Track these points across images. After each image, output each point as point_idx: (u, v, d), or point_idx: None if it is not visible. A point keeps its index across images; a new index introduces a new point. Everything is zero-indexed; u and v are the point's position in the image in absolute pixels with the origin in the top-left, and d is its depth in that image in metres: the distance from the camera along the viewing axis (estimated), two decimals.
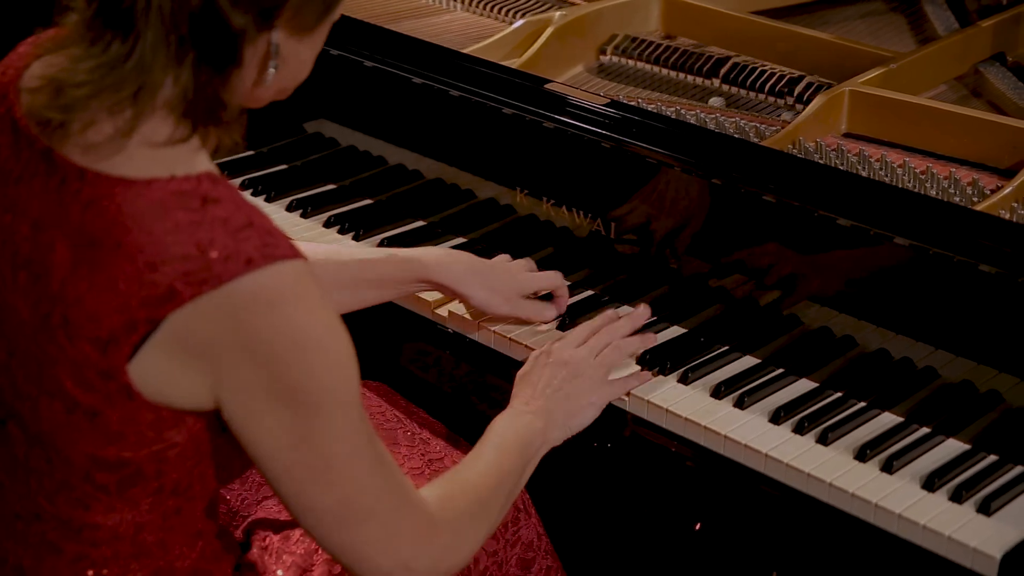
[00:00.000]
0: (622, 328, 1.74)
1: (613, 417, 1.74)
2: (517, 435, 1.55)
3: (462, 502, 1.41)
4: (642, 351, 1.77)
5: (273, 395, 1.22)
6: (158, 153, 1.22)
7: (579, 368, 1.66)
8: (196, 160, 1.24)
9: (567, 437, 1.63)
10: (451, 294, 1.83)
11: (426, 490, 1.40)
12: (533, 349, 1.75)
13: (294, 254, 1.21)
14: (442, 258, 1.80)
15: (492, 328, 1.85)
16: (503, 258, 1.88)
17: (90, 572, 1.34)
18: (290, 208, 2.20)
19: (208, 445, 1.31)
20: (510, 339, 1.83)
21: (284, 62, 1.27)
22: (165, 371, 1.22)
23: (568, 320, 1.86)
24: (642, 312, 1.79)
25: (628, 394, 1.72)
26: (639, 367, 1.76)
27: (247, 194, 2.24)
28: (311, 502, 1.28)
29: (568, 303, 1.87)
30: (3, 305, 1.28)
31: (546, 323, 1.85)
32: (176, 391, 1.24)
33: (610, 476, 2.06)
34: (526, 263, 1.88)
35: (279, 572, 1.53)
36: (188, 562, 1.37)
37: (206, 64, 1.20)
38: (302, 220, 2.17)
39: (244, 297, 1.18)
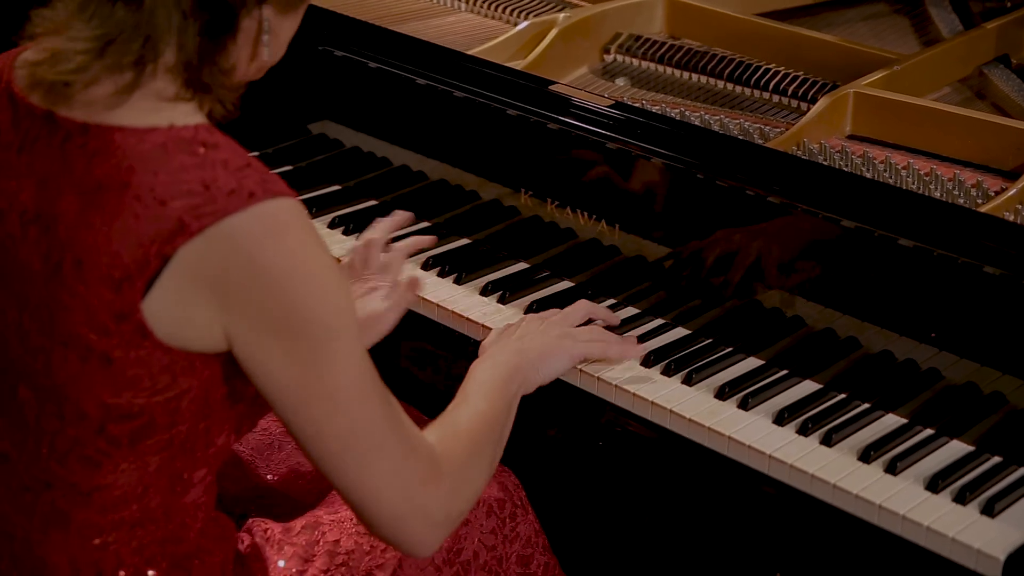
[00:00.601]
0: (600, 312, 1.81)
1: (617, 416, 1.75)
2: (496, 377, 1.59)
3: (458, 446, 1.44)
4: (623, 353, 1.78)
5: (278, 323, 1.26)
6: (159, 106, 1.28)
7: (551, 324, 1.73)
8: (193, 114, 1.30)
9: (542, 382, 1.66)
10: None
11: (426, 434, 1.42)
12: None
13: (290, 192, 1.27)
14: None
15: (481, 322, 1.87)
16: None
17: (96, 541, 1.35)
18: None
19: (216, 395, 1.34)
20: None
21: (272, 39, 1.35)
22: (178, 308, 1.26)
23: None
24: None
25: (633, 395, 1.72)
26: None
27: None
28: (322, 432, 1.31)
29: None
30: (15, 263, 1.31)
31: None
32: (189, 329, 1.27)
33: (612, 476, 2.06)
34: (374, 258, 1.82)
35: (280, 563, 1.54)
36: (192, 533, 1.39)
37: (208, 34, 1.27)
38: None
39: (249, 227, 1.24)
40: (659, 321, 1.87)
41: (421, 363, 2.12)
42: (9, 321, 1.33)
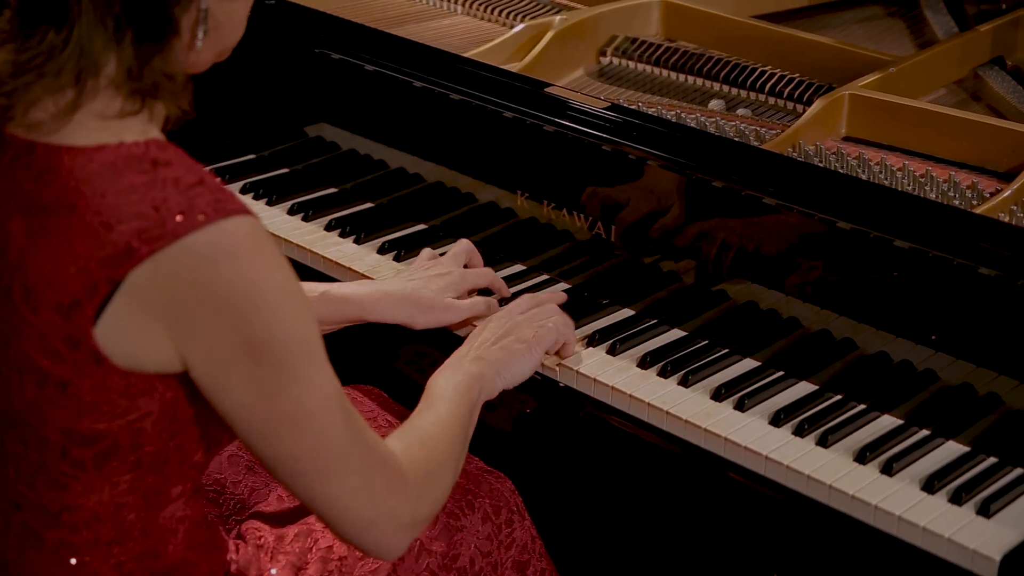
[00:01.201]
0: (542, 297, 1.81)
1: (614, 419, 1.75)
2: (458, 384, 1.58)
3: (423, 451, 1.43)
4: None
5: (235, 349, 1.24)
6: (107, 124, 1.25)
7: (513, 328, 1.72)
8: (143, 128, 1.27)
9: (508, 386, 1.67)
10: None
11: (388, 443, 1.41)
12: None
13: (245, 210, 1.24)
14: (375, 296, 1.81)
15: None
16: (448, 260, 1.90)
17: (73, 560, 1.34)
18: (291, 212, 2.20)
19: (183, 415, 1.32)
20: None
21: (218, 25, 1.30)
22: (130, 332, 1.24)
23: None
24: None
25: (629, 396, 1.73)
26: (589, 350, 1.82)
27: (248, 198, 2.25)
28: (284, 454, 1.29)
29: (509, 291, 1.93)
30: None
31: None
32: (143, 353, 1.25)
33: (608, 478, 2.06)
34: (457, 254, 1.91)
35: (273, 571, 1.53)
36: (175, 549, 1.38)
37: (146, 39, 1.24)
38: (303, 223, 2.17)
39: (200, 251, 1.21)
40: (655, 323, 1.87)
41: (419, 366, 2.12)
42: None
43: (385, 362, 2.12)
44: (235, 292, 1.22)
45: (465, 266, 1.92)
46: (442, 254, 1.94)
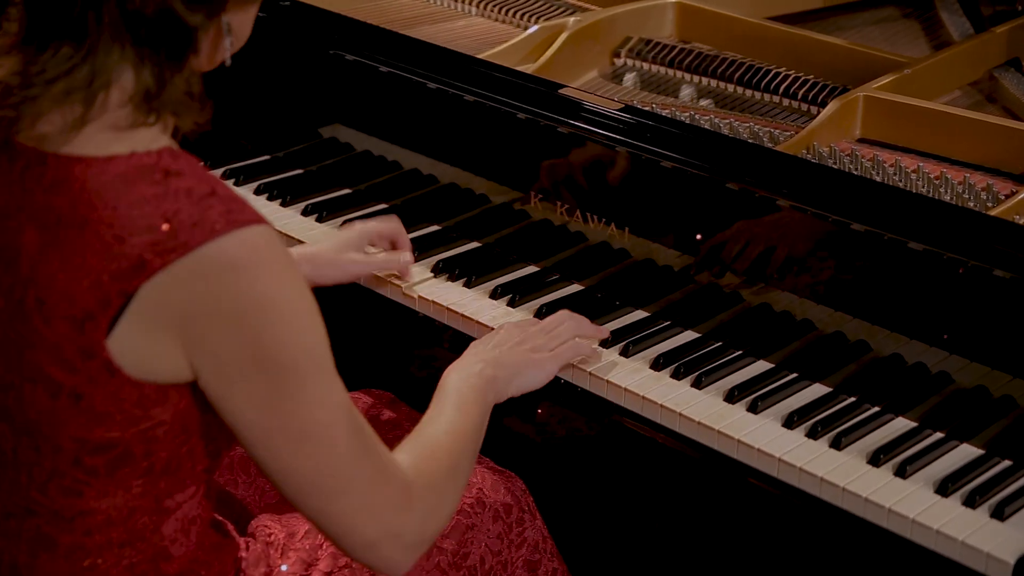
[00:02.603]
0: (586, 328, 1.79)
1: (626, 421, 1.75)
2: (472, 387, 1.57)
3: (434, 464, 1.42)
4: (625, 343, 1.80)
5: (245, 361, 1.23)
6: (119, 134, 1.24)
7: (529, 336, 1.71)
8: (155, 138, 1.26)
9: (516, 394, 1.65)
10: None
11: (397, 456, 1.40)
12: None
13: (258, 219, 1.23)
14: None
15: (491, 325, 1.87)
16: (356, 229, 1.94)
17: (86, 563, 1.34)
18: (305, 212, 2.21)
19: (196, 422, 1.31)
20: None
21: (237, 34, 1.30)
22: (143, 344, 1.23)
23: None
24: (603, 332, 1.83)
25: (642, 398, 1.72)
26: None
27: (262, 199, 2.25)
28: (289, 469, 1.29)
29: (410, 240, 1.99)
30: None
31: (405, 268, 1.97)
32: (156, 364, 1.25)
33: (620, 479, 2.06)
34: (369, 223, 1.96)
35: (283, 567, 1.54)
36: (185, 550, 1.38)
37: (167, 60, 1.23)
38: (317, 224, 2.18)
39: (211, 263, 1.20)
40: (668, 324, 1.87)
41: (432, 368, 2.12)
42: None
43: (397, 366, 2.12)
44: (247, 304, 1.21)
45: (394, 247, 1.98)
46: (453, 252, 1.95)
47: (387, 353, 2.14)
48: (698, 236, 1.85)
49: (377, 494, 1.32)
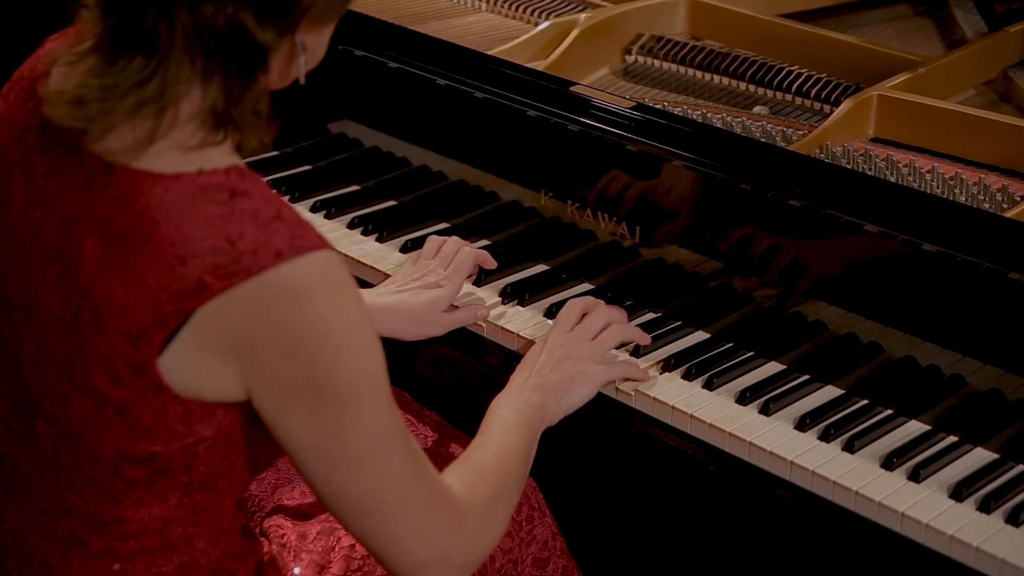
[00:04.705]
0: (616, 314, 1.77)
1: (637, 421, 1.74)
2: (519, 413, 1.57)
3: (484, 487, 1.42)
4: (635, 344, 1.79)
5: (302, 388, 1.23)
6: (187, 153, 1.23)
7: (571, 349, 1.70)
8: (224, 156, 1.25)
9: (563, 415, 1.64)
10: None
11: (447, 478, 1.40)
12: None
13: (322, 245, 1.22)
14: (374, 312, 1.78)
15: (500, 324, 1.87)
16: (434, 265, 1.87)
17: (116, 567, 1.34)
18: (314, 209, 2.19)
19: (238, 438, 1.31)
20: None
21: (311, 53, 1.29)
22: (196, 364, 1.23)
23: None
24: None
25: (653, 399, 1.71)
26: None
27: None
28: (342, 491, 1.29)
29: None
30: (34, 301, 1.28)
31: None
32: (207, 384, 1.24)
33: (632, 480, 2.05)
34: (460, 267, 1.86)
35: (296, 570, 1.53)
36: (211, 559, 1.37)
37: (236, 76, 1.21)
38: (326, 221, 2.16)
39: (273, 289, 1.19)
40: (679, 324, 1.86)
41: (439, 366, 2.11)
42: (28, 357, 1.30)
43: (404, 364, 2.11)
44: (306, 332, 1.21)
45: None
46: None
47: (394, 352, 2.13)
48: (709, 236, 1.84)
49: (430, 517, 1.33)
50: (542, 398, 1.61)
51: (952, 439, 1.63)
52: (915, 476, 1.56)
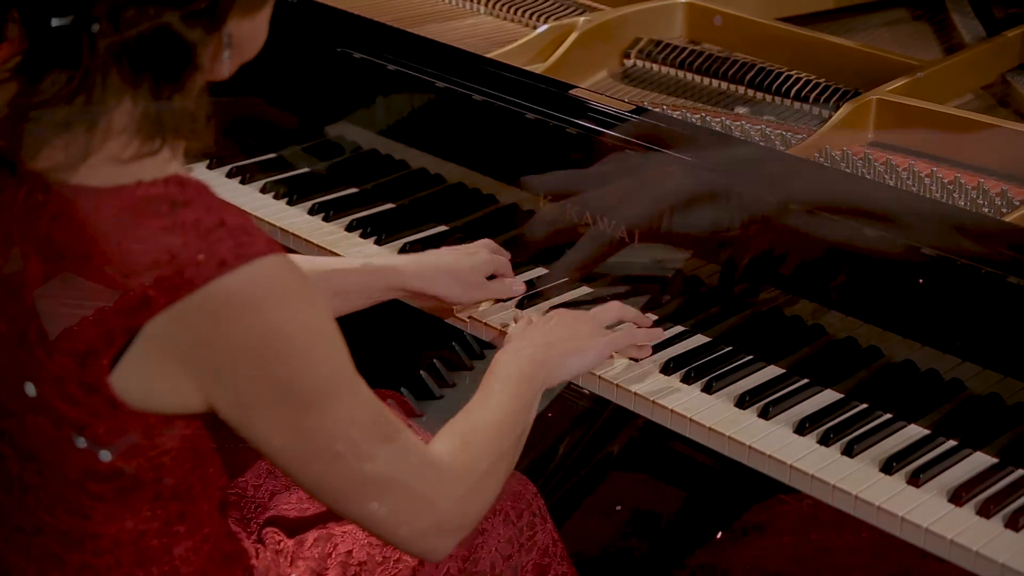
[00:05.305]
0: (631, 313, 1.77)
1: (635, 424, 1.74)
2: (521, 371, 1.55)
3: (476, 448, 1.41)
4: (650, 344, 1.79)
5: (264, 395, 1.21)
6: (124, 165, 1.20)
7: (580, 318, 1.70)
8: (163, 165, 1.22)
9: (564, 379, 1.64)
10: (424, 298, 1.83)
11: (438, 443, 1.39)
12: None
13: (269, 250, 1.19)
14: (417, 266, 1.80)
15: (500, 327, 1.85)
16: (475, 246, 1.90)
17: None
18: (312, 211, 2.19)
19: (206, 446, 1.30)
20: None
21: (241, 42, 1.26)
22: (149, 379, 1.21)
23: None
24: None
25: (652, 402, 1.71)
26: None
27: (268, 197, 2.24)
28: (323, 484, 1.28)
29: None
30: None
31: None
32: (164, 397, 1.22)
33: (632, 483, 2.05)
34: (486, 243, 1.91)
35: None
36: (194, 566, 1.36)
37: (165, 81, 1.19)
38: (324, 224, 2.16)
39: (221, 300, 1.17)
40: (679, 328, 1.86)
41: (437, 368, 2.11)
42: None
43: (403, 366, 2.11)
44: (259, 341, 1.18)
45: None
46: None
47: (397, 355, 2.13)
48: (708, 239, 1.83)
49: (418, 491, 1.32)
50: (546, 355, 1.59)
51: (951, 443, 1.63)
52: (915, 480, 1.56)
